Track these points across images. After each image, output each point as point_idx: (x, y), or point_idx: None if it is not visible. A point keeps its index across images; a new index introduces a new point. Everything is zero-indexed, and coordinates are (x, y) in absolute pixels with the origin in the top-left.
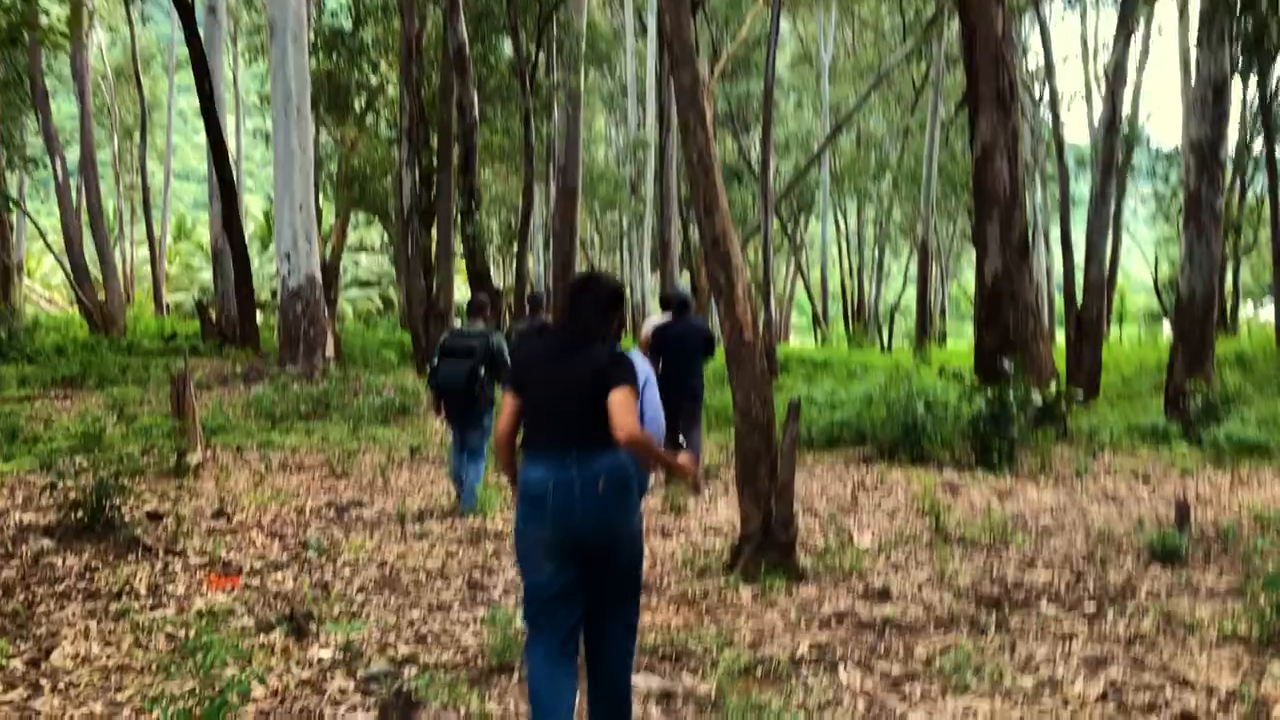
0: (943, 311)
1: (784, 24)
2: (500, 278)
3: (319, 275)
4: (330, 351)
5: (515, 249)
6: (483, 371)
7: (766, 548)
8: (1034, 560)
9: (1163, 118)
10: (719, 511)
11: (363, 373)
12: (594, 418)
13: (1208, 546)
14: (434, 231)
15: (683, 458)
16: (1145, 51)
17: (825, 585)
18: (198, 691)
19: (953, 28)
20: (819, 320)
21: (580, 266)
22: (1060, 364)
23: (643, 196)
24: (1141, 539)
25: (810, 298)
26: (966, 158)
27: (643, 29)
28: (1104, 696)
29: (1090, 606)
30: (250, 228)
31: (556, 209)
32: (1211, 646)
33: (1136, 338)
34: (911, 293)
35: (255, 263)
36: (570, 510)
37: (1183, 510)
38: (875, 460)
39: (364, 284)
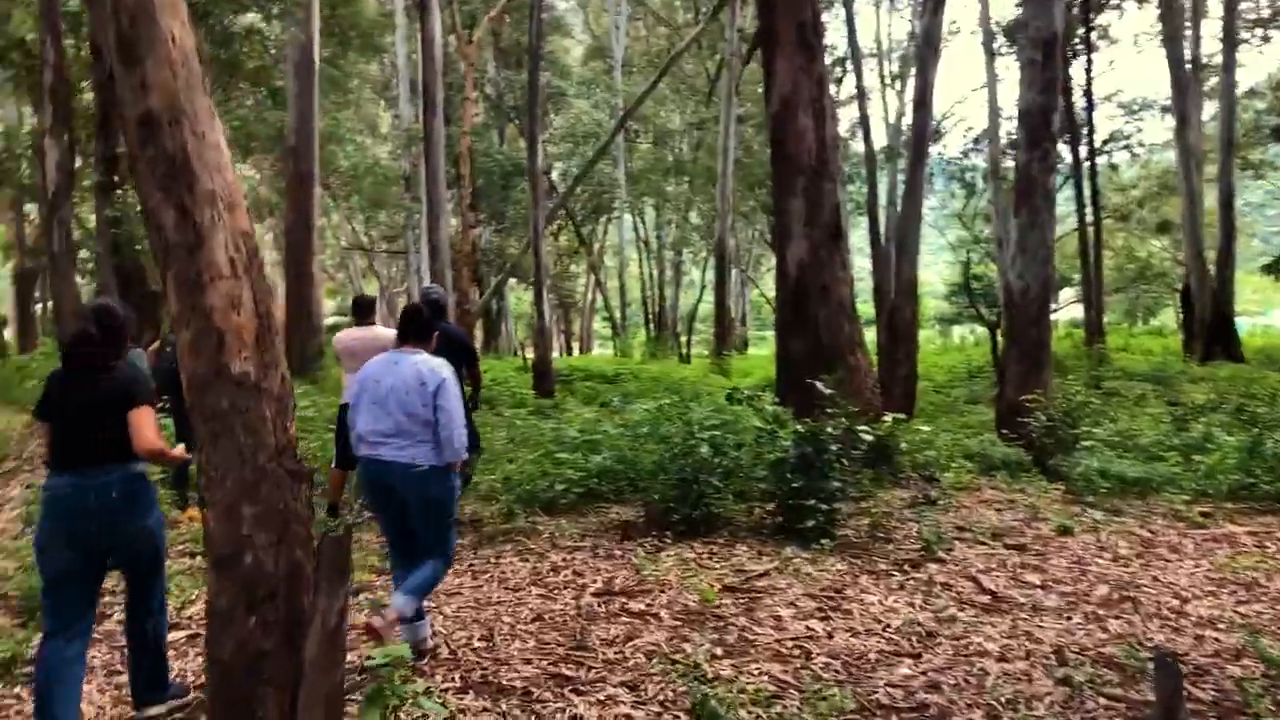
0: (743, 319)
1: (575, 18)
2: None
3: None
4: None
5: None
6: None
7: None
8: None
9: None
10: None
11: None
12: (108, 435)
13: None
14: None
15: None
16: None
17: None
18: None
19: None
20: (617, 330)
21: (351, 273)
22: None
23: (419, 194)
24: None
25: (607, 306)
26: (765, 152)
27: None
28: None
29: None
30: None
31: (288, 199)
32: None
33: (938, 344)
34: (711, 299)
35: None
36: (86, 515)
37: (1172, 677)
38: (640, 533)
39: None
